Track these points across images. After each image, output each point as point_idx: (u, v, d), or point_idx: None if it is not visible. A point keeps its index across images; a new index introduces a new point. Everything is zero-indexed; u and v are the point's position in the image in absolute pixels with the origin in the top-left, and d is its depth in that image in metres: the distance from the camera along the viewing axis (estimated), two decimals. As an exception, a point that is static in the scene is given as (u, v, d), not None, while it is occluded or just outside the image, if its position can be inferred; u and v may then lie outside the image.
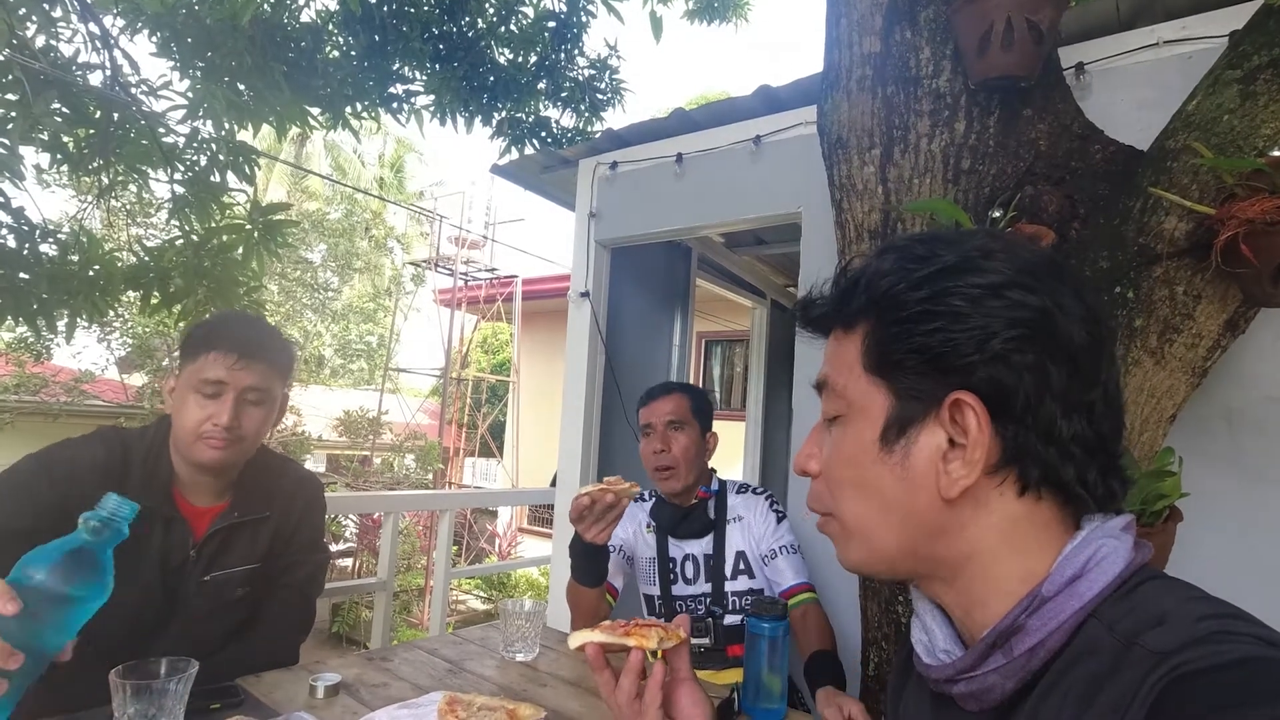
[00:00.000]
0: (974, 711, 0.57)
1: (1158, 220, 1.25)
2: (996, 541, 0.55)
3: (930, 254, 0.57)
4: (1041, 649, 0.51)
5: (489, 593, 9.42)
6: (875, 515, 0.59)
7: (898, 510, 0.57)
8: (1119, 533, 0.54)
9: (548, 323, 10.55)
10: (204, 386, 1.29)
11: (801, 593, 1.67)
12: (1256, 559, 1.46)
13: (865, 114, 1.49)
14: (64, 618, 0.76)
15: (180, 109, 2.43)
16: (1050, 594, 0.52)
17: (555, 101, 3.81)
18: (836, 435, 0.62)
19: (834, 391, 0.62)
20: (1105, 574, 0.51)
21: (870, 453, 0.58)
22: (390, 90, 3.37)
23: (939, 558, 0.58)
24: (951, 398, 0.54)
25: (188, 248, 2.41)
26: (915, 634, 0.63)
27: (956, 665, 0.56)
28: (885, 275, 0.58)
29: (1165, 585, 0.51)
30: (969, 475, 0.54)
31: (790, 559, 1.72)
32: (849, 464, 0.60)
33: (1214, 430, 1.53)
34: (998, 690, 0.54)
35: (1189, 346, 1.27)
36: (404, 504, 3.82)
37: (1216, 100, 1.23)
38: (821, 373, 0.65)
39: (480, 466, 12.67)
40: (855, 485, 0.60)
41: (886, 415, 0.58)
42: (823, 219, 2.04)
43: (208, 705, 1.08)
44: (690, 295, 3.62)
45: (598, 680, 0.78)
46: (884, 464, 0.57)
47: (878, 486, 0.58)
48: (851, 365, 0.60)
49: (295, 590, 1.47)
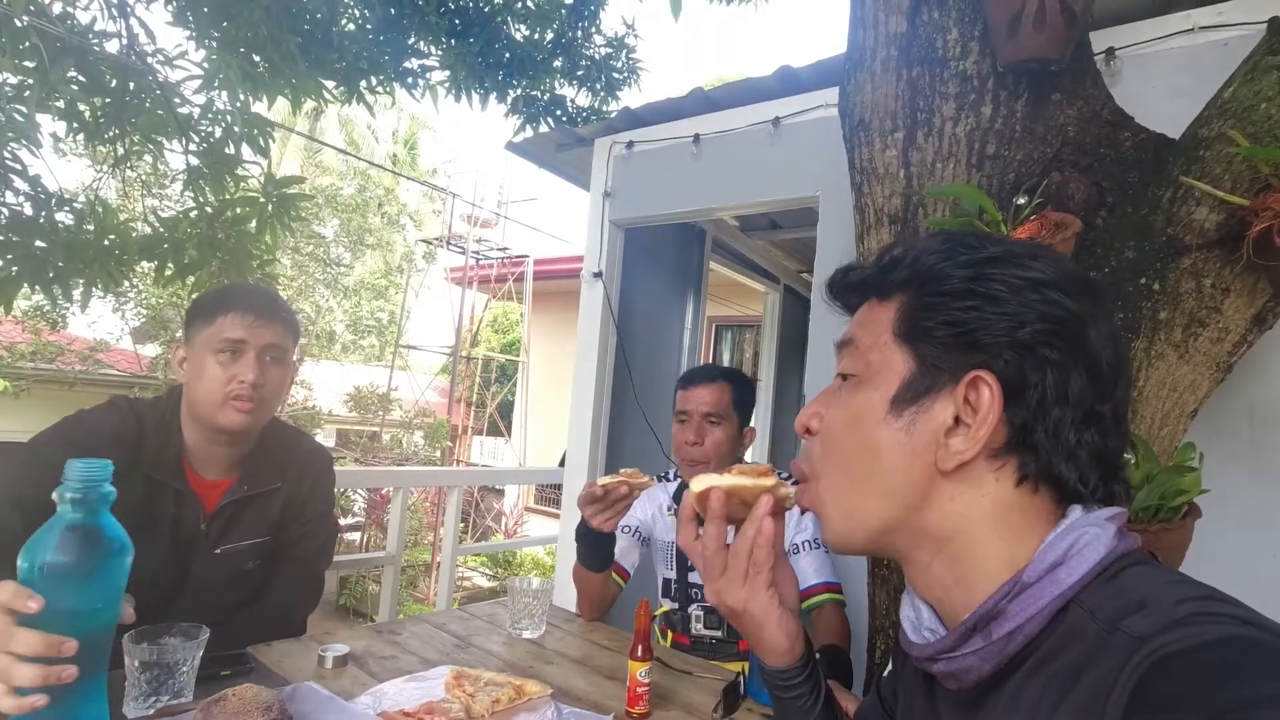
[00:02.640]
0: (953, 690, 0.59)
1: (1188, 210, 1.22)
2: (984, 523, 0.56)
3: (980, 244, 0.59)
4: (1019, 634, 0.52)
5: (494, 570, 9.51)
6: (862, 478, 0.60)
7: (887, 476, 0.58)
8: (1102, 521, 0.55)
9: (559, 303, 10.53)
10: (225, 346, 1.29)
11: (821, 593, 1.57)
12: (1275, 558, 1.45)
13: (889, 96, 1.45)
14: (96, 590, 0.73)
15: (196, 79, 2.42)
16: (1031, 580, 0.53)
17: (571, 80, 3.77)
18: (846, 394, 0.63)
19: (857, 350, 0.63)
20: (1085, 561, 0.52)
21: (878, 414, 0.59)
22: (405, 65, 3.34)
23: (922, 532, 0.58)
24: (971, 375, 0.55)
25: (202, 219, 2.41)
26: (904, 610, 0.64)
27: (937, 646, 0.58)
28: (932, 253, 0.60)
29: (1147, 571, 0.52)
30: (968, 451, 0.55)
31: (813, 555, 1.62)
32: (853, 421, 0.61)
33: (1235, 427, 1.50)
34: (975, 672, 0.55)
35: (1214, 341, 1.24)
36: (413, 479, 3.85)
37: (1254, 87, 1.19)
38: (849, 331, 0.65)
39: (488, 445, 12.73)
40: (851, 445, 0.61)
41: (903, 380, 0.59)
42: (841, 203, 2.01)
43: (218, 672, 1.09)
44: (703, 278, 3.60)
45: (710, 532, 0.70)
46: (888, 426, 0.58)
47: (875, 448, 0.59)
48: (881, 330, 0.61)
49: (305, 561, 1.48)
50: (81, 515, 0.73)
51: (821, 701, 0.76)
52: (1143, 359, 1.26)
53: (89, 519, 0.74)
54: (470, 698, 1.07)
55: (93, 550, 0.73)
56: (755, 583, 0.69)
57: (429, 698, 1.08)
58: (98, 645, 0.74)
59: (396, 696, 1.09)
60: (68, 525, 0.73)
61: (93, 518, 0.74)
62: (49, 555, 0.71)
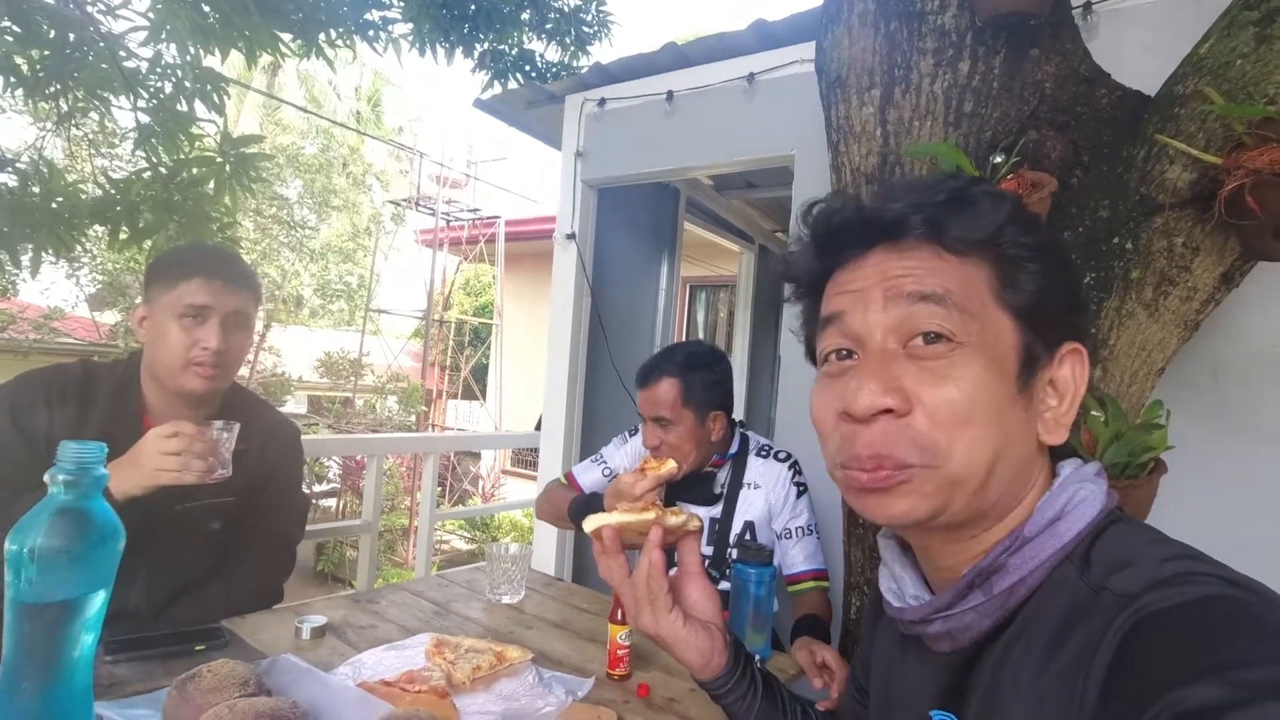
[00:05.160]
0: (945, 652, 0.59)
1: (1161, 169, 1.22)
2: (1018, 487, 0.56)
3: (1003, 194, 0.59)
4: (1021, 587, 0.53)
5: (472, 533, 9.56)
6: (994, 463, 0.53)
7: (1014, 458, 0.55)
8: (1093, 477, 0.56)
9: (532, 264, 10.39)
10: (188, 311, 1.27)
11: (808, 580, 1.57)
12: (1237, 511, 1.49)
13: (866, 51, 1.42)
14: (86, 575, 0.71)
15: (141, 31, 2.29)
16: (1031, 535, 0.53)
17: (540, 33, 3.65)
18: (956, 367, 0.53)
19: (963, 312, 0.53)
20: (1083, 516, 0.53)
21: (1006, 393, 0.54)
22: (366, 17, 3.19)
23: (996, 509, 0.56)
24: (1070, 346, 0.56)
25: (156, 180, 2.30)
26: (884, 582, 0.64)
27: (934, 604, 0.57)
28: (999, 201, 0.57)
29: (1130, 529, 0.53)
30: (1068, 418, 0.56)
31: (804, 542, 1.60)
32: (978, 403, 0.52)
33: (1200, 384, 1.54)
34: (974, 629, 0.55)
35: (1183, 300, 1.26)
36: (388, 447, 3.81)
37: (1230, 44, 1.19)
38: (937, 283, 0.54)
39: (463, 409, 12.67)
40: (983, 427, 0.52)
41: (1019, 354, 0.55)
42: (817, 162, 1.99)
43: (192, 647, 1.08)
44: (678, 238, 3.56)
45: (610, 566, 0.74)
46: (1016, 405, 0.55)
47: (1006, 428, 0.54)
48: (980, 292, 0.55)
49: (277, 534, 1.48)
50: (73, 498, 0.71)
51: (760, 696, 0.75)
52: (1114, 318, 1.28)
53: (80, 501, 0.71)
54: (451, 665, 1.07)
55: (83, 534, 0.71)
56: (657, 609, 0.72)
57: (409, 666, 1.08)
58: (86, 631, 0.72)
59: (376, 666, 1.09)
60: (58, 508, 0.70)
61: (85, 500, 0.72)
62: (38, 539, 0.68)
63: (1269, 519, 1.47)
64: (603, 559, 0.74)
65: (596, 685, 1.10)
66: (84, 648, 0.72)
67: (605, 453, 1.85)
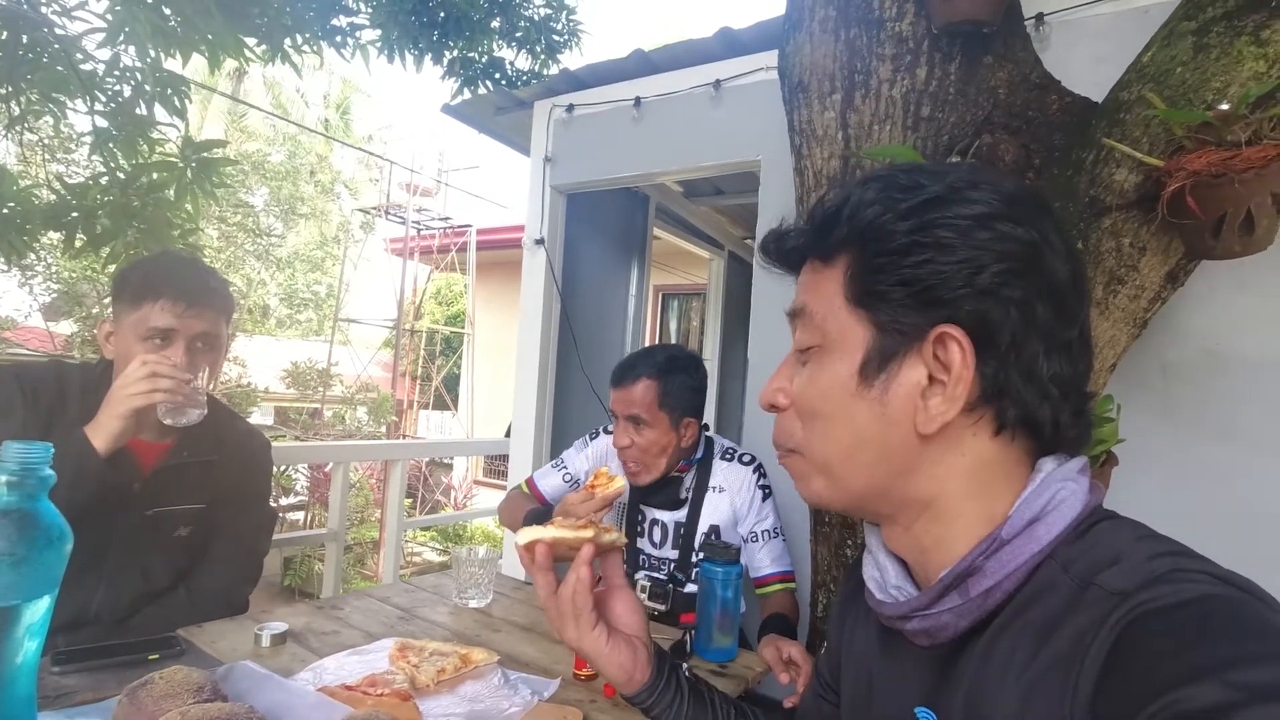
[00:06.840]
0: (925, 646, 0.58)
1: (1109, 172, 1.27)
2: (964, 483, 0.55)
3: (915, 184, 0.55)
4: (998, 591, 0.52)
5: (444, 544, 9.43)
6: (847, 452, 0.57)
7: (871, 447, 0.56)
8: (1076, 475, 0.54)
9: (503, 274, 10.35)
10: (153, 334, 1.24)
11: (775, 583, 1.57)
12: (1185, 504, 1.54)
13: (827, 57, 1.45)
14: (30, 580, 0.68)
15: (99, 32, 2.24)
16: (1009, 537, 0.52)
17: (510, 41, 3.65)
18: (812, 368, 0.60)
19: (812, 322, 0.60)
20: (1063, 517, 0.51)
21: (848, 387, 0.56)
22: (333, 22, 3.17)
23: (906, 498, 0.57)
24: (937, 331, 0.53)
25: (114, 186, 2.25)
26: (868, 570, 0.63)
27: (911, 604, 0.57)
28: (869, 205, 0.56)
29: (1115, 525, 0.52)
30: (949, 411, 0.53)
31: (770, 545, 1.61)
32: (824, 398, 0.58)
33: (1150, 380, 1.59)
34: (950, 629, 0.54)
35: (1132, 298, 1.30)
36: (353, 454, 3.76)
37: (1170, 52, 1.23)
38: (799, 301, 0.62)
39: (435, 419, 12.53)
40: (829, 420, 0.58)
41: (866, 348, 0.56)
42: (782, 168, 2.02)
43: (145, 656, 1.05)
44: (647, 245, 3.58)
45: (538, 580, 0.74)
46: (862, 399, 0.56)
47: (853, 422, 0.56)
48: (832, 296, 0.58)
49: (242, 542, 1.45)
50: (16, 499, 0.68)
51: (689, 702, 0.75)
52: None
53: (24, 503, 0.69)
54: (415, 668, 1.05)
55: (28, 537, 0.68)
56: (581, 625, 0.72)
57: (372, 670, 1.06)
58: (30, 637, 0.70)
59: (338, 671, 1.07)
60: (1, 509, 0.68)
61: (29, 502, 0.69)
62: None
63: (1215, 511, 1.52)
64: (532, 571, 0.75)
65: (563, 686, 1.10)
66: (27, 654, 0.70)
67: (566, 457, 1.84)
